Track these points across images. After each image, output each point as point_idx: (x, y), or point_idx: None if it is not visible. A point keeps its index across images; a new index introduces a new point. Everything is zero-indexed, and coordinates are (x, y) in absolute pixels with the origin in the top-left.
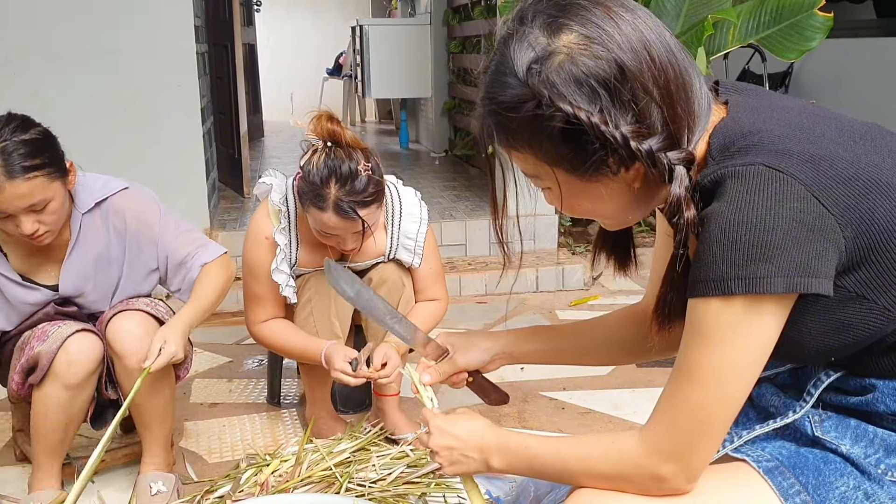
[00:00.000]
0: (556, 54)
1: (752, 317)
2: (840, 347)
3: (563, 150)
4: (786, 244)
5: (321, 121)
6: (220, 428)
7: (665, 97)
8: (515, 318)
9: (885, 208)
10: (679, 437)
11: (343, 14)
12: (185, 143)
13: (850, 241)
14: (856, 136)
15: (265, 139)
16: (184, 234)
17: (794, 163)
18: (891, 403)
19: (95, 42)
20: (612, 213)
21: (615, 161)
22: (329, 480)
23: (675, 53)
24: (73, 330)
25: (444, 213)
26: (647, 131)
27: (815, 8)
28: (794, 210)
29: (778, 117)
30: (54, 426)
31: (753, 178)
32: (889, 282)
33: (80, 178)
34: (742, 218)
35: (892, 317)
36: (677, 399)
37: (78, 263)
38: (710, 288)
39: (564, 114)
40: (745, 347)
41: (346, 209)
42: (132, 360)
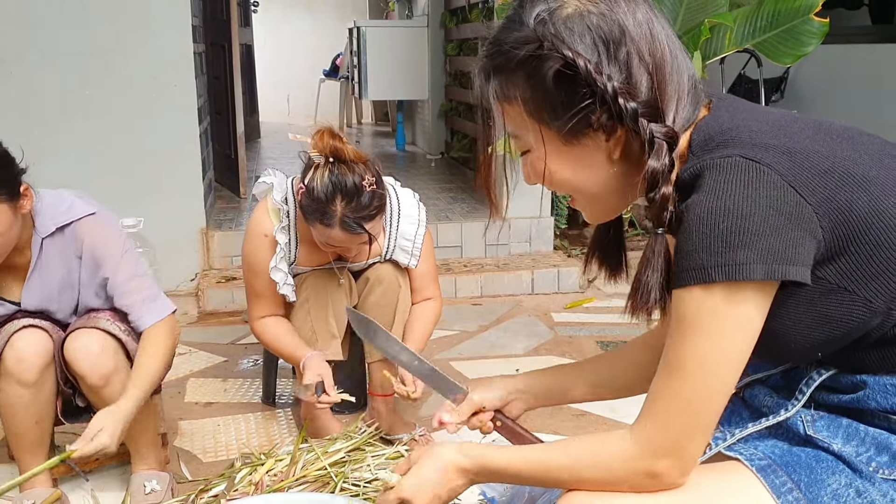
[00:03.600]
0: (566, 7)
1: (734, 305)
2: (826, 341)
3: (553, 96)
4: (763, 231)
5: (323, 137)
6: (214, 427)
7: (657, 70)
8: (511, 320)
9: (862, 200)
10: (672, 432)
11: (340, 15)
12: (182, 143)
13: (827, 231)
14: (832, 134)
15: (261, 140)
16: (135, 280)
17: (771, 154)
18: (881, 400)
19: (92, 41)
20: (589, 186)
21: (600, 119)
22: (324, 480)
23: (675, 44)
24: (20, 326)
25: (439, 215)
26: (635, 93)
27: (811, 13)
28: (771, 198)
29: (757, 116)
30: (25, 426)
31: (731, 169)
32: (869, 273)
33: (45, 199)
34: (719, 206)
35: (874, 308)
36: (667, 394)
37: (39, 285)
38: (690, 277)
39: (562, 57)
40: (729, 336)
41: (352, 225)
42: (91, 379)
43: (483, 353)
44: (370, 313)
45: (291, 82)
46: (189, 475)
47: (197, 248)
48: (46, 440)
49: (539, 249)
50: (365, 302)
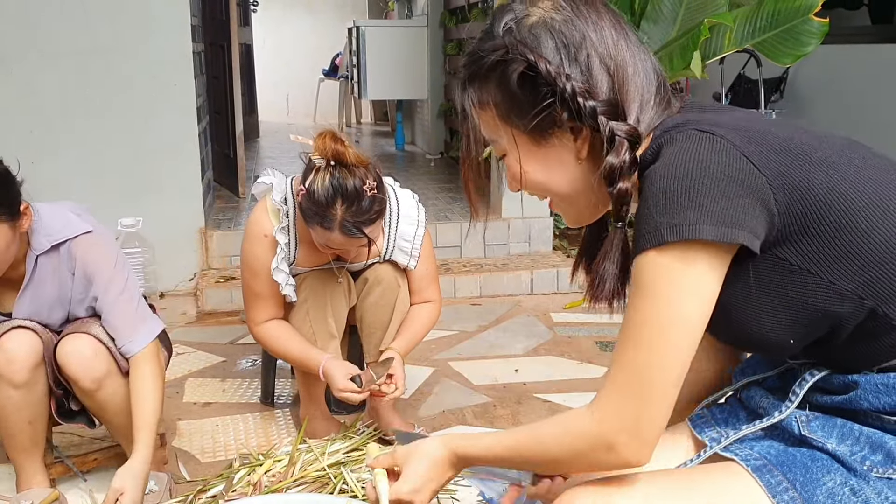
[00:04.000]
0: (531, 16)
1: (686, 266)
2: (796, 326)
3: (519, 97)
4: (714, 194)
5: (325, 140)
6: (213, 427)
7: (618, 73)
8: (510, 320)
9: (820, 179)
10: (626, 403)
11: (340, 15)
12: (181, 143)
13: (782, 205)
14: (795, 127)
15: (260, 140)
16: (124, 303)
17: (725, 130)
18: (873, 400)
19: (92, 41)
20: (561, 186)
21: (562, 117)
22: (323, 481)
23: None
24: (9, 327)
25: (438, 215)
26: (594, 93)
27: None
28: (723, 164)
29: (723, 113)
30: (19, 427)
31: (685, 139)
32: (831, 256)
33: (41, 215)
34: (671, 171)
35: (839, 291)
36: (622, 363)
37: (30, 301)
38: (645, 240)
39: (525, 60)
40: (682, 300)
41: (352, 230)
42: (84, 383)
43: (482, 353)
44: (369, 314)
45: (291, 82)
46: (187, 475)
47: (196, 247)
48: (41, 440)
49: (538, 249)
50: (364, 302)
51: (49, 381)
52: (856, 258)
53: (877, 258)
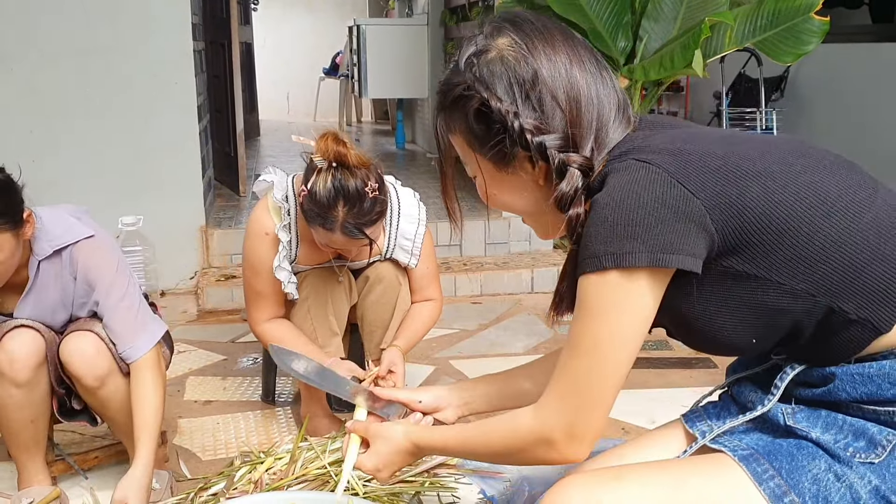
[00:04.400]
0: (490, 51)
1: (626, 290)
2: (757, 329)
3: (476, 129)
4: (649, 223)
5: (327, 141)
6: (214, 425)
7: (572, 108)
8: (510, 319)
9: (755, 192)
10: (565, 406)
11: (340, 14)
12: (182, 141)
13: (719, 223)
14: (740, 140)
15: (261, 138)
16: (124, 309)
17: (662, 157)
18: (850, 390)
19: (92, 39)
20: (525, 208)
21: (519, 151)
22: (323, 479)
23: (598, 82)
24: (11, 326)
25: (439, 214)
26: (546, 129)
27: (811, 12)
28: (657, 193)
29: (669, 133)
30: (20, 425)
31: (625, 170)
32: (777, 261)
33: (43, 220)
34: (611, 201)
35: (788, 291)
36: (565, 369)
37: (33, 305)
38: (587, 265)
39: (481, 98)
40: (621, 319)
41: (353, 231)
42: (87, 381)
43: (483, 352)
44: (370, 312)
45: (291, 80)
46: (188, 473)
47: (196, 246)
48: (42, 439)
49: (538, 248)
50: (365, 300)
51: (51, 380)
52: (802, 260)
53: (823, 257)
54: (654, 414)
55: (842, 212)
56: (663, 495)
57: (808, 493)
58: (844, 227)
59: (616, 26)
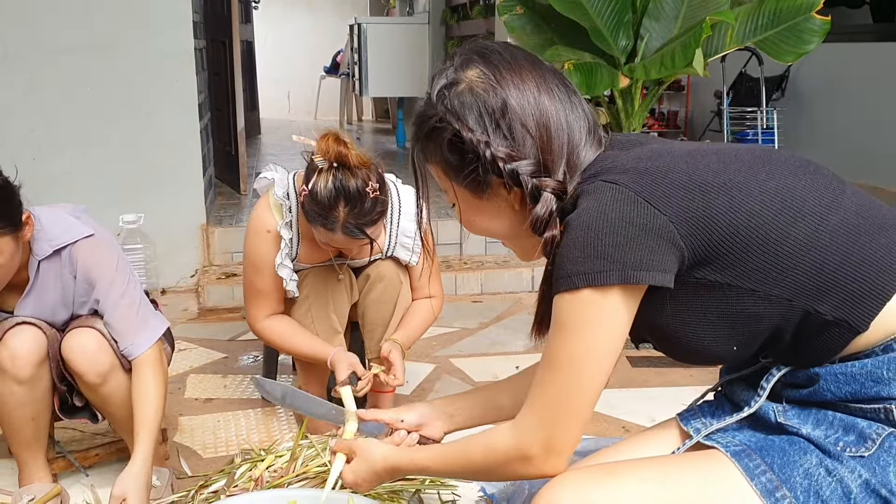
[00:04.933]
0: (460, 83)
1: (599, 307)
2: (735, 336)
3: (451, 160)
4: (618, 241)
5: (328, 142)
6: (214, 423)
7: (542, 134)
8: (511, 317)
9: (721, 205)
10: (543, 420)
11: (341, 12)
12: (182, 139)
13: (687, 238)
14: (704, 153)
15: (262, 136)
16: (125, 307)
17: (629, 176)
18: (835, 390)
19: (93, 37)
20: (503, 233)
21: (494, 178)
22: (324, 476)
23: (568, 107)
24: (13, 323)
25: (439, 212)
26: (518, 156)
27: (812, 11)
28: (625, 212)
29: (636, 151)
30: (21, 422)
31: (594, 192)
32: (749, 268)
33: (42, 220)
34: (581, 222)
35: (763, 297)
36: (541, 386)
37: (33, 305)
38: (560, 284)
39: (453, 129)
40: (596, 335)
41: (354, 231)
42: (89, 377)
43: (483, 351)
44: (371, 310)
45: (292, 79)
46: (189, 471)
47: (197, 244)
48: (43, 437)
49: None
50: (365, 299)
51: (53, 377)
52: (773, 266)
53: (794, 262)
54: (654, 413)
55: (809, 215)
56: (656, 491)
57: (800, 487)
58: (812, 230)
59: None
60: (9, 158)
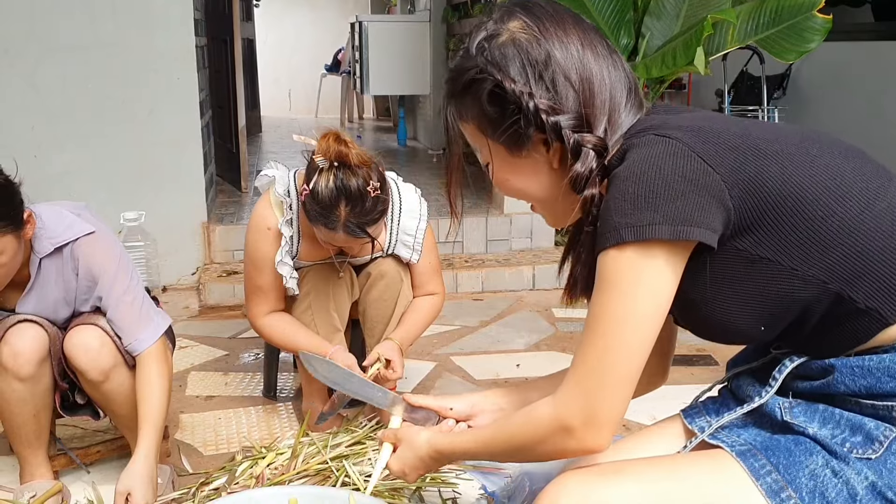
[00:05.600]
0: (501, 35)
1: (644, 264)
2: (765, 315)
3: (490, 114)
4: (669, 195)
5: (328, 141)
6: (215, 420)
7: (584, 88)
8: (512, 316)
9: (773, 172)
10: (584, 390)
11: (342, 10)
12: (184, 137)
13: (737, 199)
14: (752, 124)
15: (263, 135)
16: (128, 303)
17: (682, 132)
18: (849, 383)
19: (94, 34)
20: (538, 193)
21: (534, 133)
22: (325, 473)
23: (611, 65)
24: (15, 321)
25: (441, 211)
26: (560, 109)
27: (814, 10)
28: (677, 165)
29: (686, 115)
30: (23, 420)
31: (644, 145)
32: (790, 243)
33: (43, 218)
34: (629, 174)
35: (800, 276)
36: (582, 352)
37: (35, 303)
38: (606, 239)
39: (494, 80)
40: (640, 295)
41: (355, 230)
42: (91, 374)
43: (484, 349)
44: (372, 308)
45: (293, 77)
46: (190, 468)
47: (198, 241)
48: (45, 434)
49: (540, 245)
50: (367, 296)
51: (55, 375)
52: (815, 244)
53: (836, 242)
54: (654, 411)
55: (856, 197)
56: (661, 491)
57: (805, 488)
58: (858, 212)
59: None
60: (9, 156)
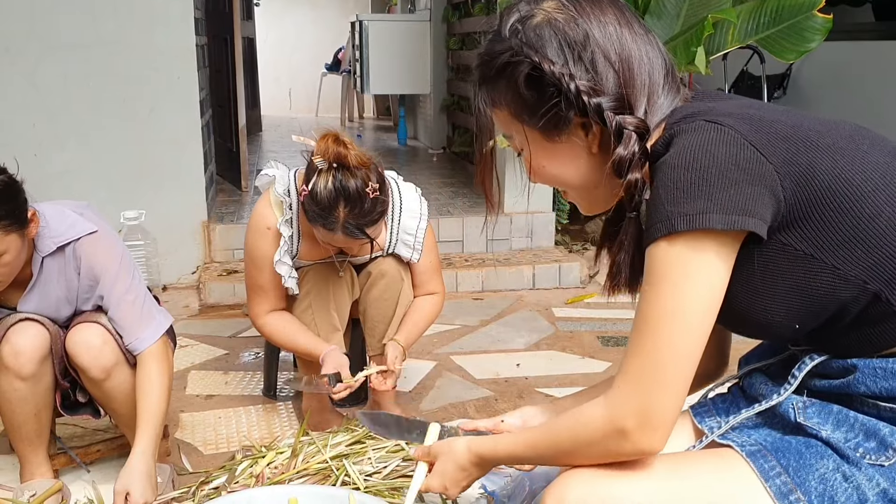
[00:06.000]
0: (535, 17)
1: (696, 256)
2: (803, 312)
3: (528, 97)
4: (722, 183)
5: (328, 142)
6: (215, 420)
7: (624, 69)
8: (512, 315)
9: (825, 166)
10: (637, 389)
11: (342, 9)
12: (184, 136)
13: (788, 191)
14: (803, 115)
15: (263, 134)
16: (129, 302)
17: (733, 119)
18: (871, 384)
19: (95, 33)
20: (576, 179)
21: (569, 115)
22: (325, 473)
23: (648, 45)
24: (17, 319)
25: (441, 210)
26: (600, 90)
27: (814, 9)
28: (731, 154)
29: (731, 101)
30: (24, 418)
31: (694, 131)
32: (835, 241)
33: (46, 217)
34: (681, 161)
35: (843, 276)
36: (634, 351)
37: (37, 301)
38: (657, 230)
39: (531, 62)
40: (691, 289)
41: (354, 231)
42: (93, 372)
43: (484, 348)
44: (372, 307)
45: (293, 76)
46: (190, 467)
47: (198, 240)
48: (45, 432)
49: (540, 245)
50: (367, 296)
51: (56, 373)
52: (860, 242)
53: (881, 242)
54: None
55: None
56: (668, 489)
57: (815, 492)
58: None
59: None
60: (10, 154)
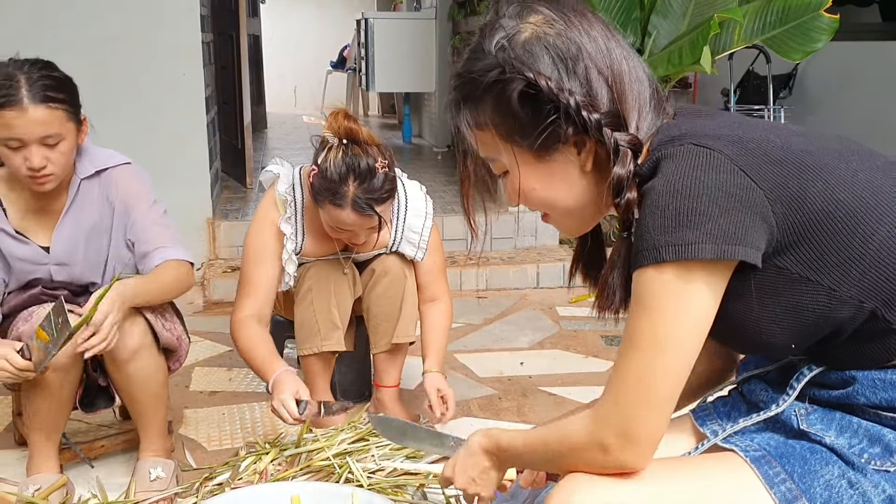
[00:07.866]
0: (523, 32)
1: (685, 284)
2: (797, 331)
3: (521, 116)
4: (712, 212)
5: (338, 118)
6: (219, 416)
7: (616, 82)
8: (516, 314)
9: (817, 189)
10: (622, 406)
11: (348, 7)
12: (189, 132)
13: (780, 216)
14: (792, 132)
15: (268, 131)
16: (157, 227)
17: (722, 143)
18: (870, 395)
19: (101, 30)
20: (567, 201)
21: (567, 133)
22: (328, 470)
23: (634, 59)
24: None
25: (445, 208)
26: (597, 105)
27: (821, 9)
28: (720, 181)
29: (717, 120)
30: (46, 410)
31: (682, 155)
32: (830, 263)
33: (87, 143)
34: (670, 188)
35: (839, 297)
36: (621, 370)
37: (70, 229)
38: (644, 257)
39: (524, 78)
40: (680, 316)
41: (363, 206)
42: (118, 352)
43: (488, 346)
44: (375, 305)
45: (298, 73)
46: (194, 463)
47: (203, 237)
48: (61, 428)
49: (544, 244)
50: (370, 293)
51: (86, 363)
52: (856, 263)
53: (877, 262)
54: None
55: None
56: (670, 493)
57: (820, 498)
58: None
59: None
60: None
